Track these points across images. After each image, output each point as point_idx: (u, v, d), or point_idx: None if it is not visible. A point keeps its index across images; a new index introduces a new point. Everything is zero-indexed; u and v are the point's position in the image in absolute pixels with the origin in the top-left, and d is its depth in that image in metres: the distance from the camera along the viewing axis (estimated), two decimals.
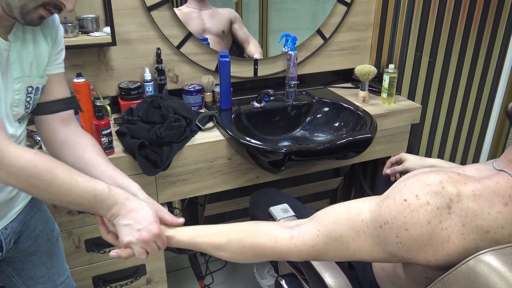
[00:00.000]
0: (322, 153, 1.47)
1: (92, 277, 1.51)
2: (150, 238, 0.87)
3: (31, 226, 1.06)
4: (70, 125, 1.03)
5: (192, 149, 1.45)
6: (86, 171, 0.96)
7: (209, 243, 0.90)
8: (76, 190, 0.82)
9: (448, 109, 2.04)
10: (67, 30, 1.40)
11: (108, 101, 1.57)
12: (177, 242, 0.93)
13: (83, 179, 0.84)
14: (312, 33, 1.87)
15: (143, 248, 0.88)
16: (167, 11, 1.60)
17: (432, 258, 0.71)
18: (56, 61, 0.99)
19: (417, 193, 0.71)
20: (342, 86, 2.00)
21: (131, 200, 0.89)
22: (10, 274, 1.08)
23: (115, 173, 0.99)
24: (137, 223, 0.87)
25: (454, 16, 1.83)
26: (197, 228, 0.93)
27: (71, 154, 1.00)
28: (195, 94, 1.68)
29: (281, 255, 0.85)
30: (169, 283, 1.66)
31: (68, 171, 0.83)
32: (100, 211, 0.87)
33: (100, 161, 1.00)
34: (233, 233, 0.89)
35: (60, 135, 1.01)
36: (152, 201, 0.97)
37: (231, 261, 0.91)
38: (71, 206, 0.86)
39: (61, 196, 0.82)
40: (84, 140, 1.02)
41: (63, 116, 1.02)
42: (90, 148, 1.01)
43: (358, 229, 0.77)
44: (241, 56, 1.84)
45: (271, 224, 0.89)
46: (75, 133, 1.02)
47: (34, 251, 1.08)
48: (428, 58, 1.87)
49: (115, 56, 1.61)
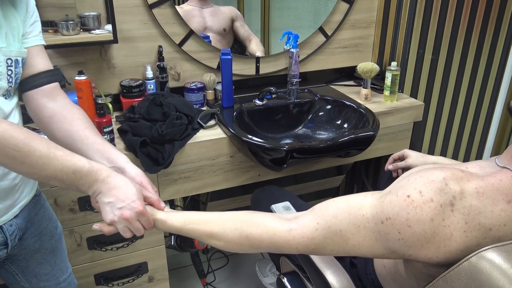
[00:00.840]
0: (324, 150, 1.46)
1: (94, 275, 1.51)
2: (132, 216, 0.85)
3: (36, 223, 1.06)
4: (56, 99, 1.00)
5: (194, 146, 1.45)
6: (74, 145, 0.95)
7: (203, 230, 0.88)
8: (55, 164, 0.80)
9: (451, 106, 2.03)
10: (69, 28, 1.40)
11: (109, 99, 1.57)
12: (169, 227, 0.90)
13: (63, 154, 0.81)
14: (314, 30, 1.87)
15: (126, 227, 0.86)
16: (168, 9, 1.60)
17: (433, 256, 0.71)
18: (32, 33, 0.97)
19: (421, 189, 0.71)
20: (344, 84, 1.99)
21: (113, 176, 0.86)
22: (14, 272, 1.08)
23: (102, 146, 0.96)
24: (119, 201, 0.85)
25: (457, 13, 1.82)
26: (191, 214, 0.91)
27: (58, 129, 0.97)
28: (196, 92, 1.68)
29: (278, 247, 0.83)
30: (171, 281, 1.67)
31: (47, 144, 0.81)
32: (81, 187, 0.84)
33: (87, 134, 0.97)
34: (229, 222, 0.87)
35: (47, 110, 0.98)
36: (140, 177, 0.94)
37: (225, 250, 0.88)
38: (51, 181, 0.83)
39: (39, 169, 0.79)
40: (71, 113, 0.99)
41: (48, 90, 0.99)
42: (77, 121, 0.98)
43: (358, 224, 0.76)
44: (243, 54, 1.84)
45: (269, 215, 0.87)
46: (62, 107, 0.99)
47: (38, 248, 1.08)
48: (430, 55, 1.86)
49: (117, 54, 1.61)
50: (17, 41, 0.92)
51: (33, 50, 0.97)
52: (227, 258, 2.11)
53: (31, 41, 0.97)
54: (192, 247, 1.70)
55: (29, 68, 0.97)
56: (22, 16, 0.94)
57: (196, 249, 1.74)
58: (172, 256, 2.07)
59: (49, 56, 1.53)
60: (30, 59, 0.96)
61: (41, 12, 1.43)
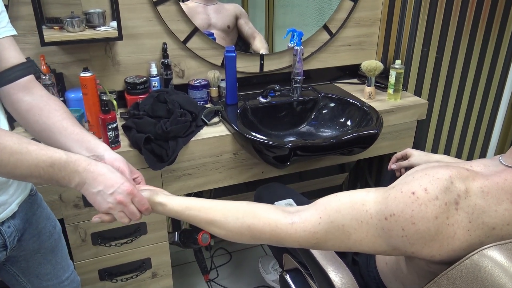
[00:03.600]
0: (327, 148, 1.47)
1: (98, 270, 1.52)
2: (125, 199, 0.83)
3: (34, 223, 1.05)
4: (33, 92, 0.97)
5: (197, 143, 1.46)
6: (53, 137, 0.93)
7: (203, 217, 0.87)
8: (29, 159, 0.77)
9: (455, 105, 2.03)
10: (74, 25, 1.41)
11: (114, 95, 1.58)
12: (169, 210, 0.89)
13: (37, 148, 0.78)
14: (319, 28, 1.87)
15: (123, 212, 0.85)
16: (173, 6, 1.61)
17: (436, 253, 0.71)
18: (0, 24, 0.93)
19: (426, 186, 0.71)
20: (348, 82, 1.99)
21: (94, 165, 0.83)
22: (15, 273, 1.07)
23: (81, 136, 0.94)
24: (108, 187, 0.82)
25: (462, 11, 1.82)
26: (192, 200, 0.90)
27: (36, 122, 0.95)
28: (201, 89, 1.68)
29: (280, 239, 0.83)
30: (174, 277, 1.68)
31: (18, 139, 0.77)
32: (62, 181, 0.81)
33: (65, 125, 0.95)
34: (231, 211, 0.86)
35: (24, 104, 0.95)
36: (118, 162, 0.93)
37: (224, 238, 0.88)
38: (27, 179, 0.80)
39: (12, 167, 0.76)
40: (48, 105, 0.96)
41: (23, 84, 0.95)
42: (54, 113, 0.96)
43: (361, 219, 0.76)
44: (247, 52, 1.84)
45: (272, 207, 0.87)
46: (39, 99, 0.96)
47: (37, 248, 1.07)
48: (435, 53, 1.86)
49: (122, 50, 1.61)
50: None
51: (4, 42, 0.93)
52: (230, 255, 2.12)
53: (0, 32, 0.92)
54: (195, 244, 1.71)
55: (1, 62, 0.93)
56: None
57: (199, 246, 1.75)
58: (175, 253, 2.09)
59: (54, 52, 1.56)
60: (2, 53, 0.92)
61: (46, 8, 1.45)
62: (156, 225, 1.52)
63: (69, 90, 1.55)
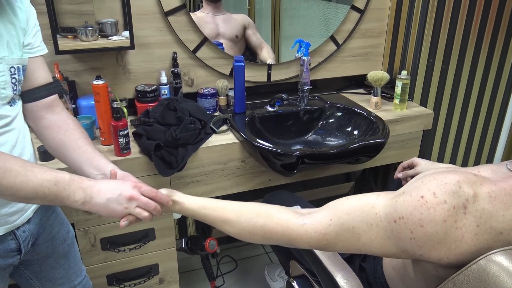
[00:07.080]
0: (334, 157, 1.48)
1: (107, 276, 1.53)
2: (134, 192, 0.88)
3: (48, 228, 1.07)
4: (54, 111, 1.03)
5: (206, 151, 1.48)
6: (66, 154, 0.99)
7: (218, 216, 0.91)
8: (34, 180, 0.80)
9: (461, 115, 2.04)
10: (87, 34, 1.44)
11: (125, 103, 1.60)
12: (186, 209, 0.95)
13: (40, 170, 0.82)
14: (325, 39, 1.90)
15: (139, 208, 0.89)
16: (183, 16, 1.64)
17: (444, 256, 0.73)
18: (34, 44, 0.98)
19: (435, 191, 0.73)
20: (354, 92, 2.01)
21: (97, 181, 0.89)
22: (28, 276, 1.09)
23: (92, 155, 1.00)
24: (114, 192, 0.87)
25: (467, 23, 1.84)
26: (207, 200, 0.96)
27: (53, 138, 1.02)
28: (209, 98, 1.71)
29: (290, 240, 0.86)
30: (181, 283, 1.69)
31: (23, 163, 0.82)
32: (67, 200, 0.84)
33: (80, 143, 1.01)
34: (245, 211, 0.90)
35: (45, 121, 1.02)
36: (127, 177, 0.98)
37: (236, 237, 0.91)
38: (32, 201, 0.83)
39: (18, 188, 0.79)
40: (66, 124, 1.03)
41: (48, 102, 1.02)
42: (71, 131, 1.03)
43: (371, 222, 0.78)
44: (254, 61, 1.87)
45: (284, 208, 0.91)
46: (59, 118, 1.03)
47: (51, 253, 1.09)
48: (440, 64, 1.88)
49: (133, 59, 1.65)
50: (18, 48, 0.93)
51: (35, 61, 0.99)
52: (236, 263, 2.13)
53: (33, 51, 0.98)
54: (202, 250, 1.72)
55: (31, 81, 0.99)
56: (23, 24, 0.94)
57: (206, 252, 1.76)
58: (182, 259, 2.10)
59: (67, 61, 1.59)
60: (32, 72, 0.98)
61: (61, 18, 1.49)
62: (164, 231, 1.53)
63: (81, 97, 1.58)
